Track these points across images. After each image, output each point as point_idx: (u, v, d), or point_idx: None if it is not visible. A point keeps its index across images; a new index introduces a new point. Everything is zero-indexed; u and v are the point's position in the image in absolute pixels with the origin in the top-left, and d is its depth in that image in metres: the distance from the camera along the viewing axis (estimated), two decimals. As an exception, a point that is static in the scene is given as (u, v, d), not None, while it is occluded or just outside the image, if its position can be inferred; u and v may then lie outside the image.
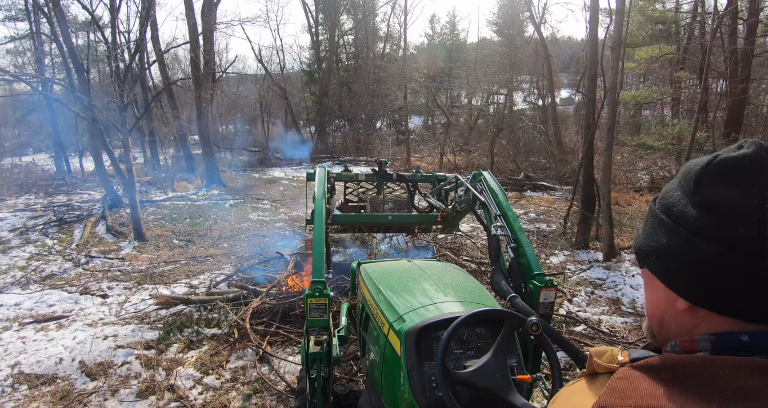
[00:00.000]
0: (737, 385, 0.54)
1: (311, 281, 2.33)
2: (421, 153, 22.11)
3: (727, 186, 0.61)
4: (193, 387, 3.80)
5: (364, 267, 2.77)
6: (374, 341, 2.20)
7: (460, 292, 2.26)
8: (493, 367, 1.66)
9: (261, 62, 24.94)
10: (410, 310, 2.04)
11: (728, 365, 0.57)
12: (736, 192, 0.60)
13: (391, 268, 2.69)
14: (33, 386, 3.96)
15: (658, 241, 0.68)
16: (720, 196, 0.61)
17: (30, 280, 6.58)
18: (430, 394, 1.73)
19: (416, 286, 2.34)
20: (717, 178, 0.62)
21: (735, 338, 0.61)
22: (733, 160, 0.62)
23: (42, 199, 12.75)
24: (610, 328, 5.08)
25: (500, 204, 2.74)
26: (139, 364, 4.15)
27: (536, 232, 9.10)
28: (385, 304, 2.17)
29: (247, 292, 5.28)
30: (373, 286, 2.40)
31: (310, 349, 2.29)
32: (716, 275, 0.61)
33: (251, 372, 3.96)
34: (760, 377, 0.54)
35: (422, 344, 1.84)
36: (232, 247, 7.95)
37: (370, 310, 2.33)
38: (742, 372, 0.56)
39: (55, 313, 5.43)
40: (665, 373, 0.59)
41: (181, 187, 14.08)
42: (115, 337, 4.67)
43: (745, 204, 0.59)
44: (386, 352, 2.00)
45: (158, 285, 6.16)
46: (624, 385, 0.61)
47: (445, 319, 1.87)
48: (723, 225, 0.60)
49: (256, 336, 4.44)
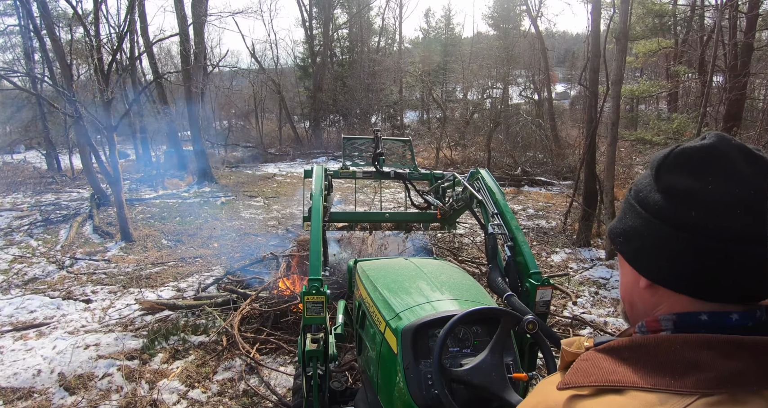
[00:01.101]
0: (688, 358, 0.60)
1: (308, 279, 2.33)
2: (417, 148, 21.87)
3: (683, 173, 0.67)
4: (177, 402, 3.55)
5: (360, 265, 2.77)
6: (371, 339, 2.21)
7: (456, 290, 2.27)
8: (489, 365, 1.67)
9: (254, 57, 24.57)
10: (407, 308, 2.05)
11: (680, 341, 0.62)
12: (691, 179, 0.65)
13: (388, 266, 2.69)
14: (8, 401, 3.71)
15: (625, 224, 0.73)
16: (677, 182, 0.67)
17: (11, 284, 6.30)
18: (426, 392, 1.73)
19: (413, 284, 2.34)
20: (676, 166, 0.68)
21: (695, 318, 0.66)
22: (692, 150, 0.67)
23: (29, 198, 12.43)
24: (617, 331, 4.89)
25: (497, 202, 2.74)
26: (121, 376, 3.90)
27: (535, 228, 8.89)
28: (381, 302, 2.18)
29: (236, 296, 5.04)
30: (370, 284, 2.41)
31: (307, 346, 2.30)
32: (671, 256, 0.67)
33: (239, 384, 3.73)
34: (708, 351, 0.59)
35: (419, 342, 1.85)
36: (223, 247, 7.69)
37: (366, 308, 2.34)
38: (692, 346, 0.61)
39: (36, 320, 5.17)
40: (625, 353, 0.65)
41: (172, 185, 13.77)
42: (96, 347, 4.42)
43: (698, 190, 0.64)
44: (383, 349, 2.01)
45: (144, 289, 5.90)
46: (587, 365, 0.67)
47: (442, 317, 1.86)
48: (678, 209, 0.66)
49: (246, 344, 4.21)
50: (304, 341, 2.35)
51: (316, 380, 2.32)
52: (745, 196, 0.63)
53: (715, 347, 0.60)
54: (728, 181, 0.64)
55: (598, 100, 7.04)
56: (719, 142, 0.66)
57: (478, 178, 3.05)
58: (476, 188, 2.99)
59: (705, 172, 0.65)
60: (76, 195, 12.78)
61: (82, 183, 14.70)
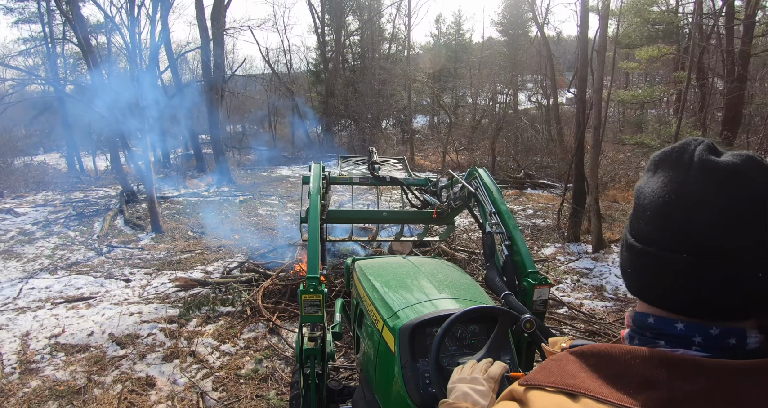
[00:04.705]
0: (644, 374, 0.59)
1: (306, 277, 2.34)
2: (425, 152, 22.56)
3: (646, 180, 0.69)
4: (212, 353, 4.30)
5: (358, 263, 2.79)
6: (368, 338, 2.22)
7: (454, 289, 2.28)
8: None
9: (268, 63, 25.48)
10: (404, 306, 2.06)
11: (641, 355, 0.62)
12: (649, 186, 0.67)
13: (386, 265, 2.71)
14: (69, 354, 4.47)
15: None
16: (639, 189, 0.69)
17: (57, 266, 7.11)
18: (423, 391, 1.73)
19: (411, 283, 2.36)
20: (648, 173, 0.69)
21: (645, 318, 0.67)
22: (657, 157, 0.69)
23: (59, 195, 13.33)
24: (591, 311, 5.51)
25: (495, 201, 2.72)
26: (163, 335, 4.66)
27: (531, 226, 9.53)
28: (379, 301, 2.19)
29: (258, 275, 5.78)
30: (368, 283, 2.41)
31: (304, 345, 2.33)
32: (634, 266, 0.69)
33: (262, 341, 4.46)
34: (666, 370, 0.59)
35: (416, 341, 1.85)
36: (243, 238, 8.45)
37: (364, 307, 2.35)
38: (651, 362, 0.60)
39: (84, 295, 5.95)
40: (592, 359, 0.65)
41: (192, 185, 14.63)
42: (139, 314, 5.19)
43: (653, 197, 0.65)
44: (380, 348, 2.02)
45: (176, 271, 6.68)
46: (553, 365, 0.68)
47: (439, 316, 1.87)
48: (634, 217, 0.69)
49: (267, 312, 4.94)
50: (301, 339, 2.38)
51: (313, 379, 2.36)
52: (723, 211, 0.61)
53: (674, 367, 0.60)
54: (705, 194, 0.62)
55: (586, 106, 7.69)
56: (684, 148, 0.66)
57: (475, 177, 3.04)
58: (474, 187, 2.99)
59: (663, 179, 0.66)
60: (102, 193, 13.67)
61: (106, 182, 15.64)
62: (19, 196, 12.94)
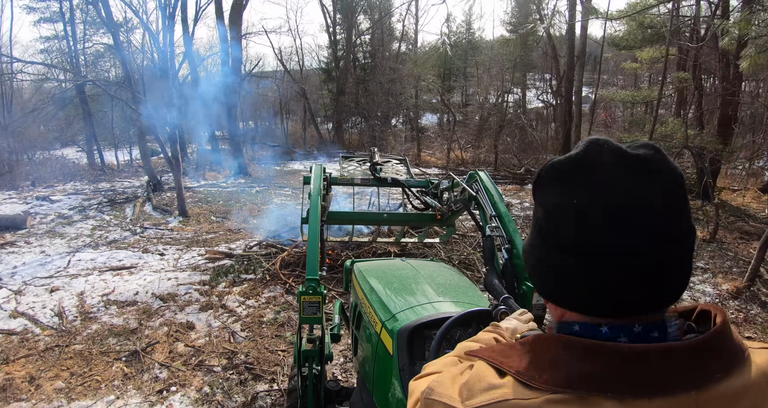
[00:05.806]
0: (551, 356, 0.67)
1: (305, 278, 2.35)
2: (433, 149, 23.36)
3: (554, 188, 0.70)
4: (239, 306, 5.21)
5: (357, 266, 2.82)
6: (367, 340, 2.24)
7: (453, 291, 2.30)
8: None
9: (281, 62, 26.44)
10: (403, 309, 2.07)
11: (552, 341, 0.69)
12: (558, 194, 0.69)
13: (385, 268, 2.74)
14: (120, 307, 5.39)
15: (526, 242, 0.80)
16: (547, 198, 0.71)
17: (98, 243, 8.07)
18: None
19: (409, 286, 2.38)
20: (549, 181, 0.71)
21: (569, 327, 0.71)
22: (560, 163, 0.69)
23: (87, 185, 14.36)
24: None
25: (495, 205, 2.67)
26: (198, 293, 5.58)
27: (522, 217, 10.32)
28: (377, 303, 2.21)
29: (275, 249, 6.67)
30: (366, 285, 2.43)
31: (303, 346, 2.35)
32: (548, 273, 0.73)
33: (280, 299, 5.36)
34: (566, 351, 0.66)
35: (414, 343, 1.86)
36: (261, 222, 9.36)
37: (363, 309, 2.38)
38: (556, 346, 0.68)
39: (125, 265, 6.89)
40: (527, 345, 0.72)
41: (211, 177, 15.64)
42: (176, 279, 6.11)
43: (564, 205, 0.67)
44: (378, 350, 2.04)
45: (204, 247, 7.60)
46: (499, 347, 0.77)
47: (438, 319, 1.89)
48: (548, 225, 0.71)
49: (284, 277, 5.83)
50: (300, 341, 2.39)
51: (311, 380, 2.37)
52: (612, 209, 0.64)
53: (573, 349, 0.65)
54: (593, 193, 0.65)
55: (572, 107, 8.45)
56: (587, 150, 0.67)
57: (476, 180, 3.01)
58: (475, 190, 2.96)
59: (573, 186, 0.67)
60: (128, 184, 14.70)
61: (129, 174, 16.70)
62: (50, 186, 13.97)
